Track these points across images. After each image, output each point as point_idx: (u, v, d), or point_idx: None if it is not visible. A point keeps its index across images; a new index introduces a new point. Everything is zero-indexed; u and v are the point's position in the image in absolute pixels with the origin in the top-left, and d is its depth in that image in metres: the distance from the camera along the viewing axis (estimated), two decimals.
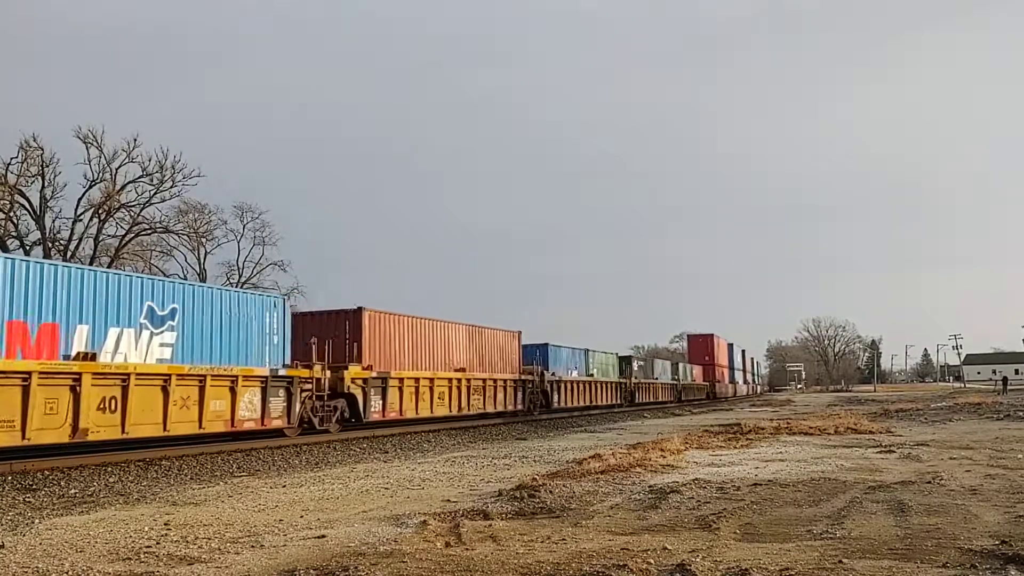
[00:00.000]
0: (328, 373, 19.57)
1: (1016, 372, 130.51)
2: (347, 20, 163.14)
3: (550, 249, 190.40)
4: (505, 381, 29.27)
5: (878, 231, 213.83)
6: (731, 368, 76.85)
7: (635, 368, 46.87)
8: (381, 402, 21.57)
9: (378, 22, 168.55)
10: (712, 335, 69.04)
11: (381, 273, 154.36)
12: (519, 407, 30.26)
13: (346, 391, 20.25)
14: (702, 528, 7.11)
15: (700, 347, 68.06)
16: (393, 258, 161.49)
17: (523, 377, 30.76)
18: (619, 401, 42.85)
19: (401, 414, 22.56)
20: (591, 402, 38.41)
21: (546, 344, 34.54)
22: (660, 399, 49.33)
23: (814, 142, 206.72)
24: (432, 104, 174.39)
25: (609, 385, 41.49)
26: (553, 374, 33.91)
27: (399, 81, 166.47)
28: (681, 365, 58.19)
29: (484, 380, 27.41)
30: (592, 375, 39.24)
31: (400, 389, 22.55)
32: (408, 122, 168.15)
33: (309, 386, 19.01)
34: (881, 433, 18.59)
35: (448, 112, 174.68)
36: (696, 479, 10.32)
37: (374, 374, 21.29)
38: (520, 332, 31.71)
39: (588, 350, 39.60)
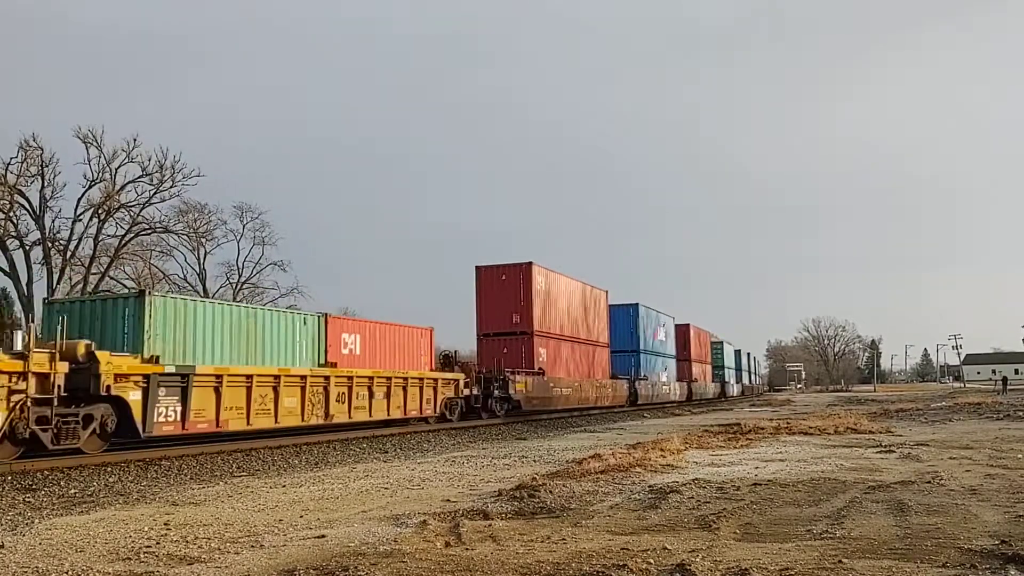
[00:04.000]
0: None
1: (1016, 372, 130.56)
2: (346, 21, 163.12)
3: (549, 250, 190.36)
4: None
5: (878, 231, 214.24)
6: (639, 351, 43.21)
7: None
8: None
9: (377, 23, 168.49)
10: (529, 263, 30.71)
11: (383, 274, 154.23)
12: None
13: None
14: (702, 528, 7.11)
15: (499, 292, 30.55)
16: (393, 259, 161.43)
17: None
18: None
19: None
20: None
21: None
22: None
23: (814, 142, 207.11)
24: (431, 105, 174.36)
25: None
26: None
27: (397, 82, 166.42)
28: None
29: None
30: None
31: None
32: (406, 123, 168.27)
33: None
34: (881, 433, 18.59)
35: (446, 113, 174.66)
36: (696, 479, 10.32)
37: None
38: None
39: None
